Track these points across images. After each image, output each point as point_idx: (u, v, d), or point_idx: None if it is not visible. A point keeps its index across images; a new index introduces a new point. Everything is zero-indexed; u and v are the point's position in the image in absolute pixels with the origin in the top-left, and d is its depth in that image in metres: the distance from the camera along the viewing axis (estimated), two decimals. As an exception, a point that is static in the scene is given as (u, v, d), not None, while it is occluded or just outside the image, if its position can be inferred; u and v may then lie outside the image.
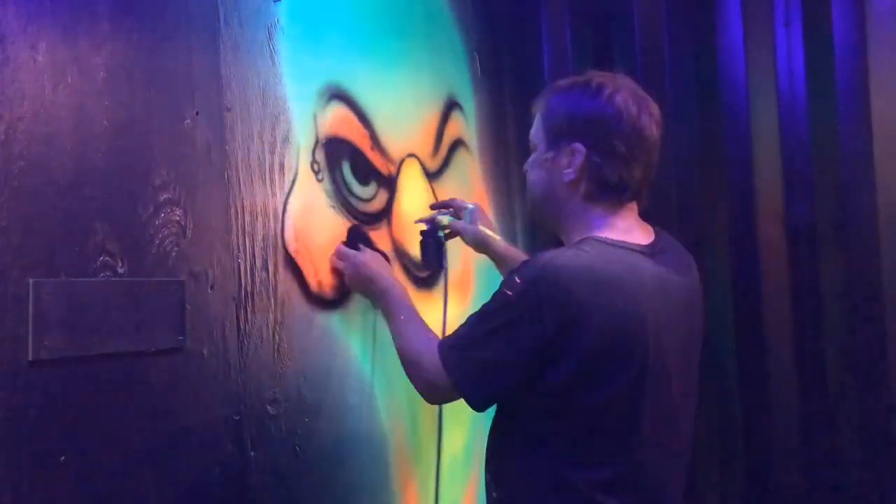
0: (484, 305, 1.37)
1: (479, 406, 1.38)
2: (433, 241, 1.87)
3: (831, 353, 2.16)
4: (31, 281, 1.19)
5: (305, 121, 1.73)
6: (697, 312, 1.47)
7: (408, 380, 1.50)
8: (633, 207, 1.43)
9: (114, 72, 1.33)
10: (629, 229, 1.39)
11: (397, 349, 1.55)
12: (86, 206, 1.28)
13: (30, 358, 1.18)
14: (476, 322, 1.37)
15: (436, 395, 1.47)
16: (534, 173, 1.46)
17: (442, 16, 2.26)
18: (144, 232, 1.36)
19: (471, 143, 2.31)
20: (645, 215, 1.47)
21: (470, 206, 1.85)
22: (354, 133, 1.86)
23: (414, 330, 1.54)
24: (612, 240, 1.35)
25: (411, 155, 2.05)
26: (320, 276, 1.73)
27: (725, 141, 2.28)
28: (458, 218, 1.86)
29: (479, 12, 2.39)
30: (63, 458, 1.22)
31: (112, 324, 1.30)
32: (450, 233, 1.87)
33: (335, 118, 1.81)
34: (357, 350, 1.82)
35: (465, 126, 2.29)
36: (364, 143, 1.89)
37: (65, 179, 1.25)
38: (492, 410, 1.43)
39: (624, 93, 1.37)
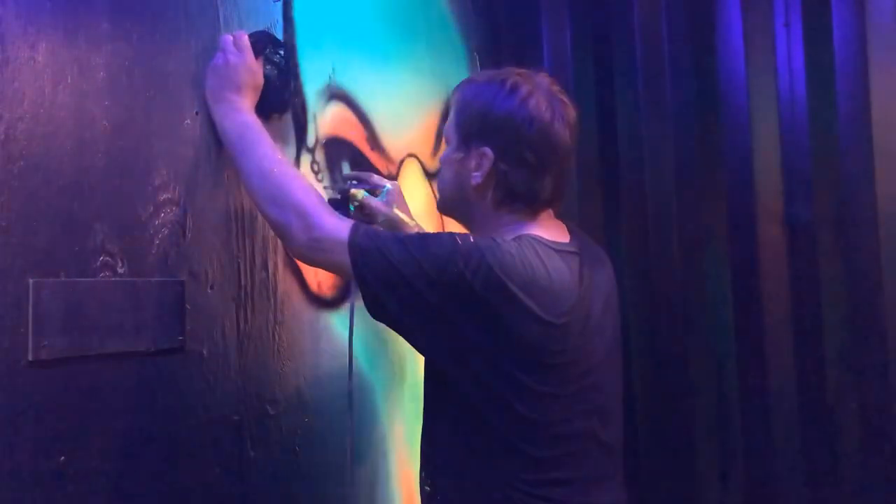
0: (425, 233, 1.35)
1: (369, 305, 1.31)
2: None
3: (831, 353, 2.16)
4: (31, 281, 1.19)
5: (305, 121, 1.72)
6: (617, 306, 1.48)
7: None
8: (545, 214, 1.40)
9: (114, 72, 1.33)
10: (551, 230, 1.38)
11: (271, 184, 1.38)
12: (86, 206, 1.27)
13: (30, 358, 1.18)
14: (411, 237, 1.33)
15: (315, 254, 1.35)
16: (444, 171, 1.44)
17: (442, 16, 2.26)
18: (144, 232, 1.36)
19: (471, 143, 2.31)
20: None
21: (388, 185, 1.71)
22: (354, 133, 1.86)
23: (296, 175, 1.42)
24: (548, 241, 1.33)
25: (411, 155, 2.05)
26: (320, 277, 1.73)
27: (725, 141, 2.28)
28: (374, 195, 1.68)
29: (479, 12, 2.39)
30: (63, 458, 1.22)
31: (112, 324, 1.30)
32: (359, 208, 1.64)
33: (335, 118, 1.81)
34: (357, 350, 1.82)
35: (465, 126, 2.28)
36: (364, 143, 1.89)
37: (65, 179, 1.25)
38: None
39: (538, 95, 1.34)
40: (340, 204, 1.64)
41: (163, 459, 1.37)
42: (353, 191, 1.64)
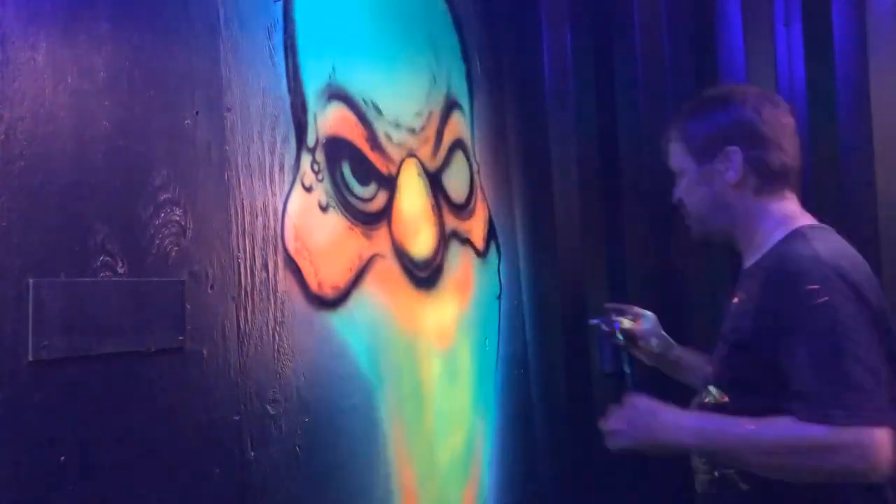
0: (817, 335, 1.27)
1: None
2: (613, 344, 1.73)
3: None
4: (31, 281, 1.19)
5: (305, 121, 1.73)
6: None
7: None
8: (794, 197, 1.46)
9: (114, 72, 1.33)
10: (806, 215, 1.44)
11: (770, 466, 1.38)
12: (86, 206, 1.28)
13: (30, 358, 1.18)
14: (833, 352, 1.26)
15: (874, 458, 1.28)
16: (694, 194, 1.50)
17: (442, 16, 2.26)
18: (144, 232, 1.36)
19: (471, 144, 2.31)
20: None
21: (648, 313, 1.75)
22: (354, 133, 1.86)
23: (768, 432, 1.33)
24: (820, 225, 1.42)
25: (411, 155, 2.05)
26: (320, 276, 1.73)
27: (725, 141, 2.28)
28: (634, 322, 1.73)
29: (479, 12, 2.39)
30: (63, 458, 1.22)
31: (112, 324, 1.30)
32: (624, 333, 1.71)
33: (335, 118, 1.81)
34: (357, 350, 1.82)
35: (465, 126, 2.29)
36: (364, 143, 1.89)
37: (65, 179, 1.25)
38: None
39: (750, 93, 1.47)
40: (609, 334, 1.71)
41: (163, 459, 1.37)
42: (620, 318, 1.71)
